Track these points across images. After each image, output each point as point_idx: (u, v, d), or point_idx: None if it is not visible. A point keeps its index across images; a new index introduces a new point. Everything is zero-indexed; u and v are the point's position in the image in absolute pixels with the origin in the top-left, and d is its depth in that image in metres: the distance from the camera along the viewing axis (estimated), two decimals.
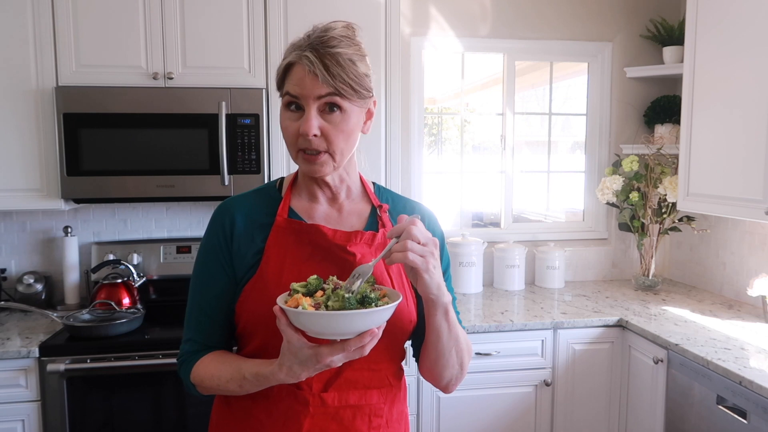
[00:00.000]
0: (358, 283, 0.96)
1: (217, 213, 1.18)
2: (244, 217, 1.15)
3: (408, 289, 1.16)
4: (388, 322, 0.97)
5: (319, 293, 0.97)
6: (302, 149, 1.08)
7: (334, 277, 1.00)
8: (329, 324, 0.90)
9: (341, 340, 0.93)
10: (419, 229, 0.98)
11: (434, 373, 1.17)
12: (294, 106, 1.07)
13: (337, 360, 0.94)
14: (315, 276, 0.99)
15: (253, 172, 2.42)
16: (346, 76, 1.04)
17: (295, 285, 0.98)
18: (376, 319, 0.92)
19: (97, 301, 2.39)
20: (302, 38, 1.07)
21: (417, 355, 1.23)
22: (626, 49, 3.16)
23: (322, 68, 1.02)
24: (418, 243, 0.96)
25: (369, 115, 1.13)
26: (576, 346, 2.50)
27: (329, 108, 1.05)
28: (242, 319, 1.13)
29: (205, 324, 1.15)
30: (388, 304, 0.94)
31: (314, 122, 1.04)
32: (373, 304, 0.92)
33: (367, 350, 0.94)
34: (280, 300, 0.96)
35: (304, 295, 0.96)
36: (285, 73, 1.07)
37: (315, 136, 1.04)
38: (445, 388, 1.20)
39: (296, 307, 0.92)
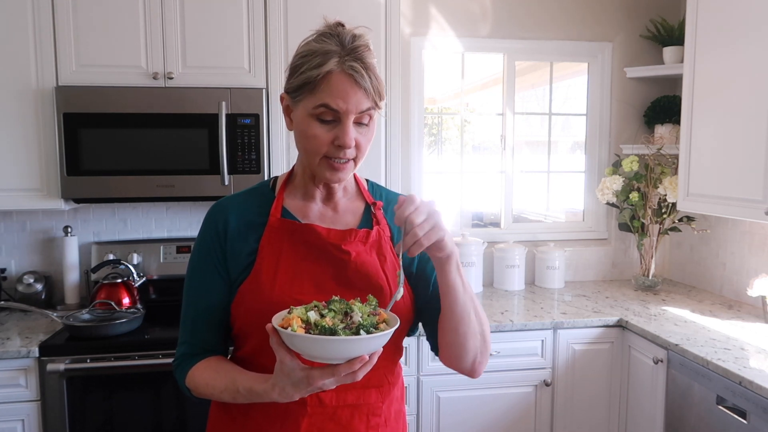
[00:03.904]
0: (358, 312, 0.95)
1: (210, 214, 1.17)
2: (237, 218, 1.15)
3: (405, 285, 1.15)
4: None
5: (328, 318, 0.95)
6: (329, 157, 1.06)
7: (337, 297, 0.99)
8: (318, 348, 0.89)
9: (333, 364, 0.91)
10: (416, 209, 0.95)
11: (458, 348, 1.10)
12: (328, 117, 1.03)
13: (329, 383, 0.92)
14: (314, 302, 0.98)
15: (253, 172, 2.42)
16: (380, 86, 1.04)
17: (294, 308, 0.97)
18: (366, 346, 0.90)
19: (97, 300, 2.39)
20: (330, 42, 1.03)
21: (435, 343, 1.18)
22: (626, 49, 3.15)
23: (368, 82, 1.01)
24: (421, 221, 0.95)
25: None
26: (576, 346, 2.50)
27: (362, 119, 1.05)
28: (238, 320, 1.12)
29: (200, 326, 1.14)
30: (384, 330, 0.92)
31: (353, 134, 1.04)
32: (366, 330, 0.91)
33: (360, 376, 0.92)
34: (276, 319, 0.95)
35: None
36: (320, 81, 1.01)
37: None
38: (472, 369, 1.13)
39: (288, 327, 0.91)
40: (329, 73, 1.01)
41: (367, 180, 1.25)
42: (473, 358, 1.12)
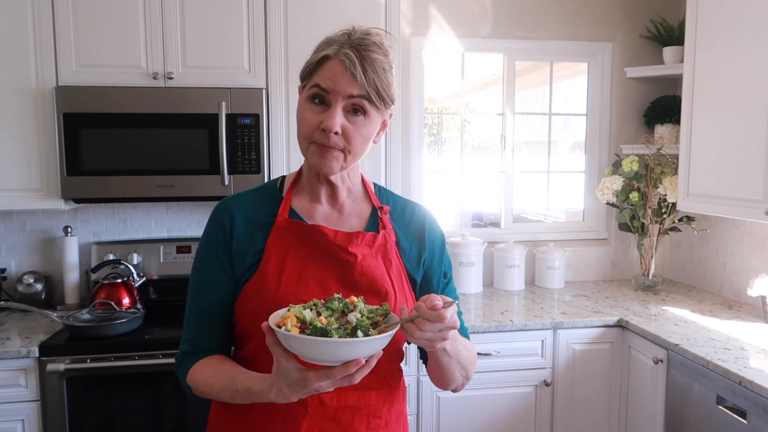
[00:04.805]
0: (357, 312, 0.93)
1: (216, 212, 1.16)
2: (243, 217, 1.14)
3: (408, 291, 1.16)
4: None
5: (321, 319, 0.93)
6: (316, 142, 1.06)
7: (338, 295, 0.98)
8: (310, 348, 0.87)
9: (329, 366, 0.89)
10: (433, 327, 0.94)
11: (441, 384, 1.20)
12: (318, 99, 1.06)
13: (326, 386, 0.91)
14: (314, 300, 0.97)
15: (253, 172, 2.42)
16: (379, 83, 1.05)
17: (293, 306, 0.95)
18: (360, 349, 0.87)
19: (97, 301, 2.39)
20: (340, 35, 1.07)
21: (424, 359, 1.22)
22: (626, 49, 3.15)
23: (360, 69, 1.03)
24: (426, 332, 0.94)
25: (383, 126, 1.13)
26: (576, 346, 2.50)
27: (354, 110, 1.05)
28: (241, 320, 1.12)
29: (204, 325, 1.14)
30: (382, 333, 0.90)
31: (338, 119, 1.04)
32: (363, 331, 0.88)
33: (357, 379, 0.91)
34: (274, 317, 0.93)
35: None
36: (317, 65, 1.06)
37: (336, 133, 1.04)
38: (454, 391, 1.23)
39: (283, 326, 0.89)
40: (325, 58, 1.05)
41: (374, 183, 1.25)
42: (454, 389, 1.22)
